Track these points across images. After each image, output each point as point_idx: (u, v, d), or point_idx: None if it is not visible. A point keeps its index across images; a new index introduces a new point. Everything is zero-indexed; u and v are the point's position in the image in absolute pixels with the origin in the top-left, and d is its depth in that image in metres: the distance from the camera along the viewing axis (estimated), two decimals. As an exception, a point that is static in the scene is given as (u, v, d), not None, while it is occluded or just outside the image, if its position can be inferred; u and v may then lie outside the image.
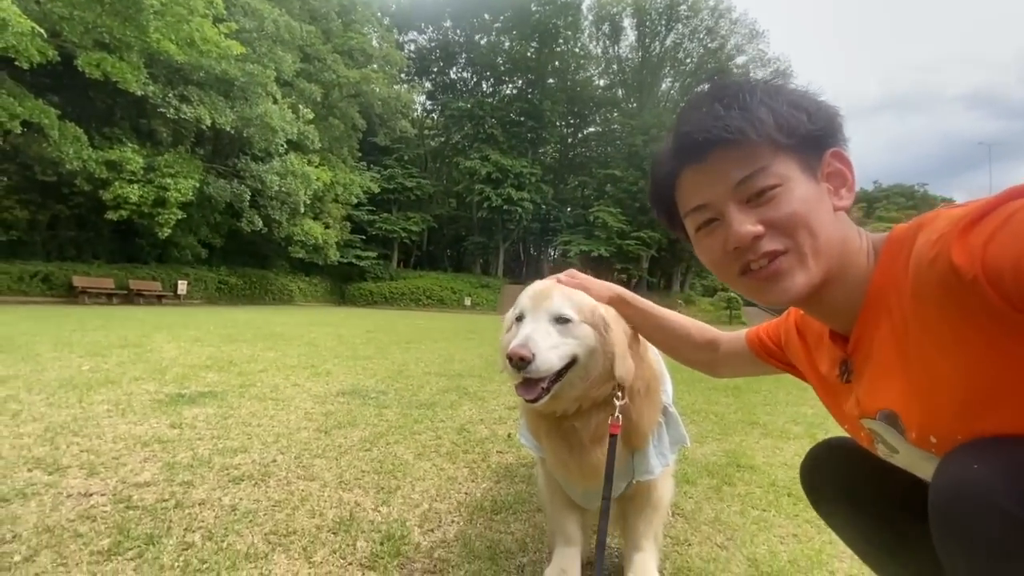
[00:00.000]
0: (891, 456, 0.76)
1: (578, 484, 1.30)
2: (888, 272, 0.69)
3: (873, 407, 0.73)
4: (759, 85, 0.73)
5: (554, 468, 1.32)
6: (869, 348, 0.73)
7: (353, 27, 31.05)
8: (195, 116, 18.00)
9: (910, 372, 0.67)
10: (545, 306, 1.16)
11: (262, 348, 6.02)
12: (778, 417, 3.71)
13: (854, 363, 0.76)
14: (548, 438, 1.25)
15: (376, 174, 33.08)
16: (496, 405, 3.61)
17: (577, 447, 1.21)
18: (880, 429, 0.74)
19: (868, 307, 0.72)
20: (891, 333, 0.69)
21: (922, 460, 0.70)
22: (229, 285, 24.36)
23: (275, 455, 2.30)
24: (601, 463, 1.17)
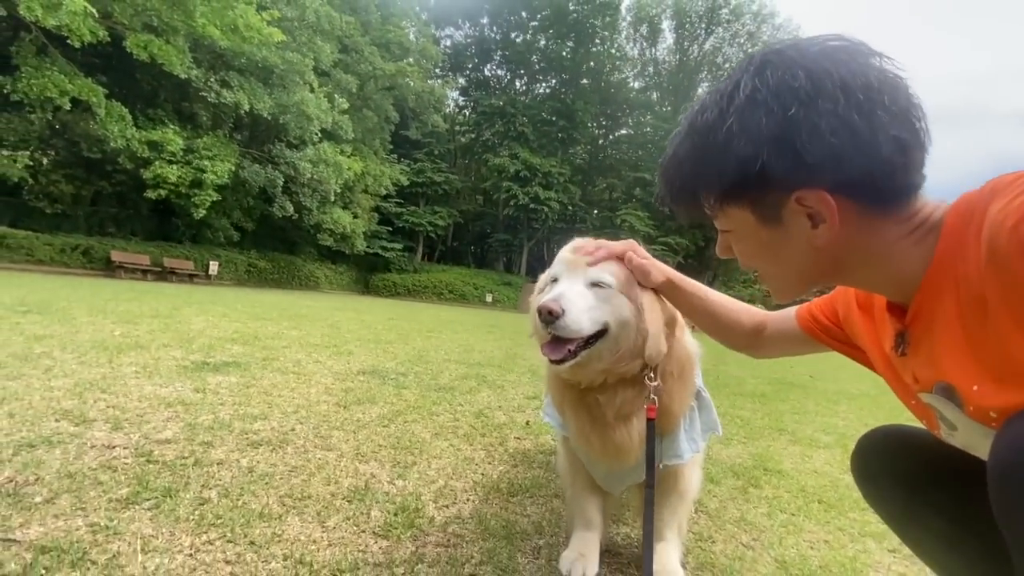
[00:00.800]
0: (951, 435, 0.70)
1: (600, 462, 1.24)
2: (955, 242, 0.63)
3: (930, 380, 0.68)
4: (695, 140, 0.72)
5: (577, 444, 1.26)
6: (931, 320, 0.66)
7: (391, 20, 31.39)
8: (235, 101, 18.44)
9: (975, 345, 0.61)
10: (582, 268, 1.11)
11: (287, 327, 6.10)
12: (807, 426, 3.57)
13: (912, 335, 0.70)
14: (572, 411, 1.19)
15: (406, 167, 33.37)
16: (515, 394, 3.56)
17: (600, 423, 1.16)
18: (937, 403, 0.68)
19: (930, 278, 0.66)
20: (955, 305, 0.63)
21: (982, 437, 0.64)
22: (258, 268, 24.90)
23: (294, 424, 2.30)
24: (624, 442, 1.12)
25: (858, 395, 5.69)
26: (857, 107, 0.60)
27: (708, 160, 0.70)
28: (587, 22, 40.54)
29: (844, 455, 2.90)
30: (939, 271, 0.64)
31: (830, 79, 0.60)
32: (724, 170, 0.68)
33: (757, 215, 0.70)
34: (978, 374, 0.61)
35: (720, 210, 0.74)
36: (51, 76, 13.90)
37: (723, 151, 0.67)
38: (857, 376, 7.68)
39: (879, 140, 0.60)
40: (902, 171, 0.63)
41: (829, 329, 0.95)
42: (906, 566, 1.58)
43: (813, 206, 0.66)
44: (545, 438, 2.56)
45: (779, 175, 0.64)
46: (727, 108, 0.66)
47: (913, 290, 0.68)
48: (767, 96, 0.63)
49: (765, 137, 0.63)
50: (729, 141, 0.66)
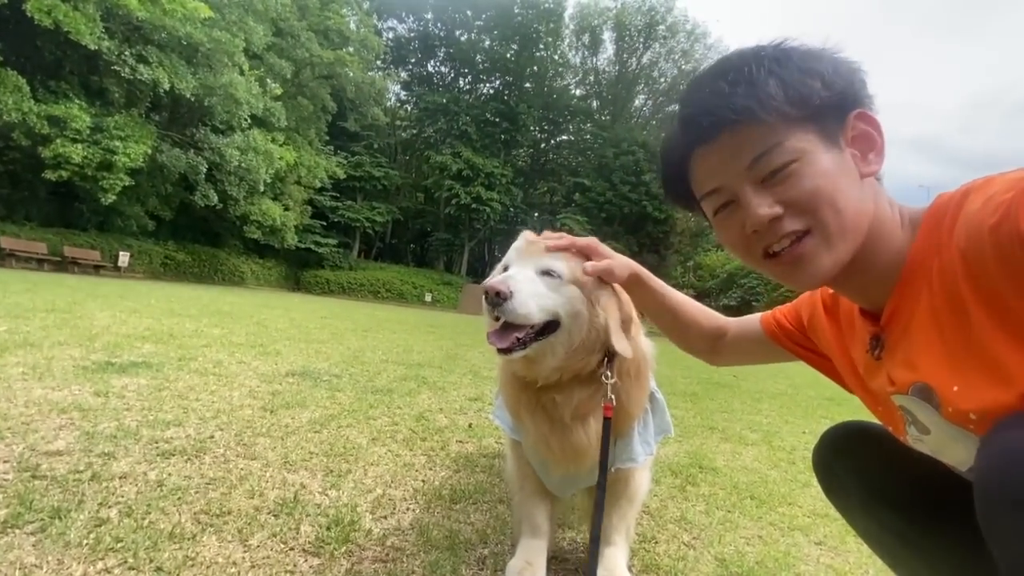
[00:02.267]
0: (920, 441, 0.70)
1: (557, 466, 1.20)
2: (930, 242, 0.64)
3: (906, 381, 0.67)
4: (767, 53, 0.68)
5: (534, 447, 1.21)
6: (907, 321, 0.67)
7: (331, 7, 30.12)
8: (153, 78, 16.95)
9: (951, 345, 0.61)
10: (534, 256, 1.07)
11: (207, 324, 5.65)
12: (735, 424, 3.74)
13: (887, 337, 0.71)
14: (529, 414, 1.14)
15: (343, 159, 32.12)
16: (457, 396, 3.47)
17: (558, 424, 1.11)
18: (912, 405, 0.68)
19: (906, 279, 0.66)
20: (930, 305, 0.63)
21: (954, 441, 0.64)
22: (176, 261, 23.05)
23: (213, 431, 2.09)
24: (583, 444, 1.08)
25: (778, 394, 6.08)
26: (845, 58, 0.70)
27: (766, 84, 0.66)
28: (531, 26, 40.90)
29: (770, 451, 3.06)
30: (914, 270, 0.65)
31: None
32: (790, 86, 0.66)
33: (822, 135, 0.66)
34: (957, 374, 0.61)
35: (784, 133, 0.66)
36: (-73, 35, 12.15)
37: (817, 57, 0.68)
38: (775, 376, 8.21)
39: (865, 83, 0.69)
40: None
41: (792, 334, 0.96)
42: (832, 557, 1.66)
43: (863, 131, 0.68)
44: (488, 441, 2.50)
45: (838, 88, 0.67)
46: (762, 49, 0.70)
47: (885, 291, 0.69)
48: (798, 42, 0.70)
49: (823, 59, 0.68)
50: (786, 64, 0.67)
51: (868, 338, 0.74)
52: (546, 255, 1.08)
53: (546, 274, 1.06)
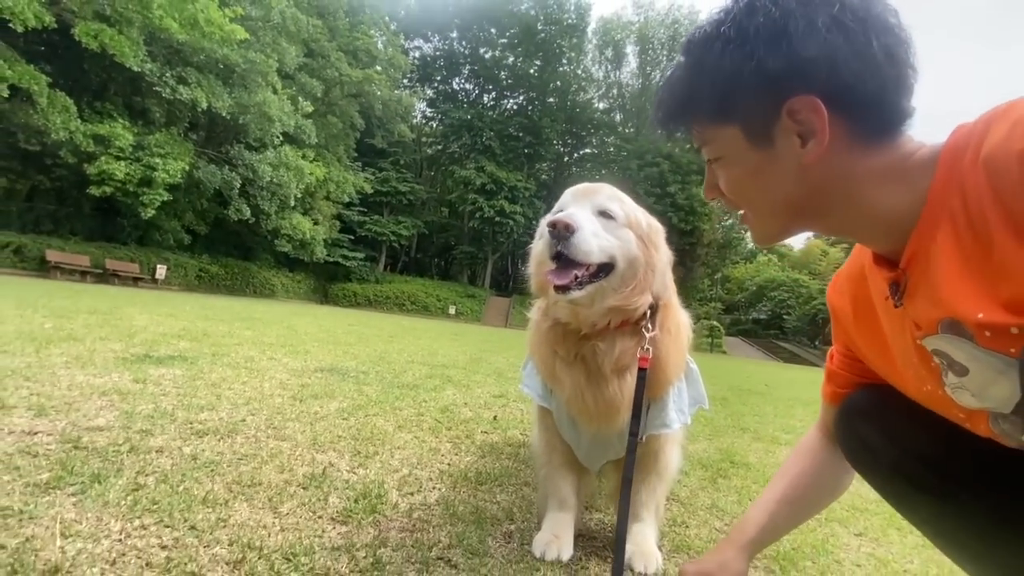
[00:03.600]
0: (961, 389, 0.65)
1: (591, 422, 1.18)
2: (950, 177, 0.61)
3: (933, 319, 0.63)
4: (689, 55, 0.71)
5: (568, 402, 1.19)
6: (926, 259, 0.63)
7: (360, 28, 31.12)
8: (191, 98, 17.73)
9: (975, 274, 0.58)
10: (592, 199, 1.10)
11: (239, 327, 5.80)
12: (767, 426, 3.63)
13: (909, 279, 0.67)
14: (566, 366, 1.13)
15: (370, 175, 32.86)
16: (481, 392, 3.47)
17: (595, 375, 1.11)
18: (945, 344, 0.64)
19: (926, 218, 0.63)
20: (953, 238, 0.60)
21: (998, 374, 0.60)
22: (210, 274, 23.80)
23: (244, 415, 2.14)
24: (617, 398, 1.07)
25: (812, 402, 5.88)
26: (852, 10, 0.61)
27: (702, 74, 0.68)
28: (554, 42, 41.41)
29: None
30: (935, 207, 0.62)
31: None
32: (717, 80, 0.66)
33: (747, 133, 0.68)
34: (982, 301, 0.58)
35: (710, 132, 0.71)
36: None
37: (717, 61, 0.66)
38: (809, 387, 7.96)
39: (873, 45, 0.60)
40: (893, 85, 0.62)
41: (852, 379, 0.93)
42: (873, 547, 1.59)
43: (804, 118, 0.64)
44: (513, 432, 2.49)
45: (773, 74, 0.62)
46: (724, 19, 0.66)
47: (903, 234, 0.66)
48: (765, 1, 0.63)
49: (761, 37, 0.62)
50: (724, 49, 0.65)
51: (887, 285, 0.71)
52: (603, 195, 1.09)
53: (603, 215, 1.08)
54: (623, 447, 1.23)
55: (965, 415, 0.68)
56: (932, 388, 0.70)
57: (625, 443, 1.14)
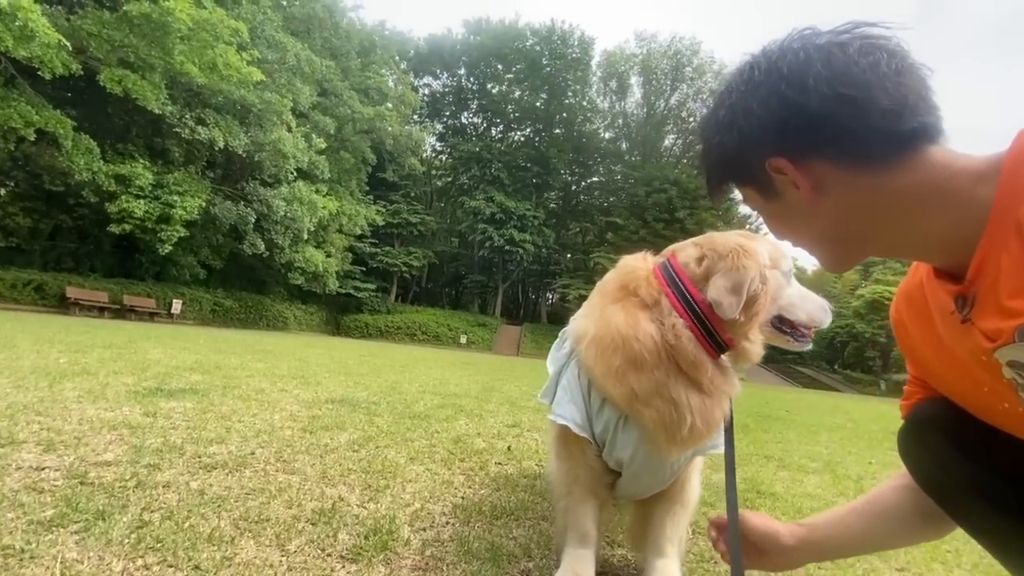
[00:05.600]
0: None
1: (681, 446, 1.12)
2: (1014, 186, 0.59)
3: (1009, 327, 0.59)
4: (701, 140, 0.82)
5: (666, 425, 1.08)
6: (996, 271, 0.60)
7: (371, 67, 32.24)
8: (209, 138, 18.33)
9: None
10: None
11: (251, 359, 5.80)
12: (792, 454, 3.49)
13: (976, 292, 0.63)
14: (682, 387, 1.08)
15: (382, 208, 33.44)
16: (495, 422, 3.39)
17: (709, 398, 1.08)
18: (1022, 353, 0.59)
19: (993, 229, 0.61)
20: (1022, 248, 0.57)
21: None
22: (224, 308, 24.10)
23: (254, 448, 2.09)
24: (719, 421, 1.10)
25: (837, 427, 5.68)
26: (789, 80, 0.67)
27: (709, 152, 0.79)
28: (560, 76, 42.47)
29: (834, 480, 2.82)
30: (1001, 216, 0.59)
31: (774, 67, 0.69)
32: (716, 156, 0.78)
33: (759, 190, 0.75)
34: None
35: (739, 190, 0.80)
36: (17, 107, 13.57)
37: (712, 141, 0.77)
38: (832, 412, 7.72)
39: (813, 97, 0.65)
40: (871, 114, 0.63)
41: (918, 391, 0.91)
42: (918, 585, 1.48)
43: (785, 172, 0.69)
44: (529, 463, 2.41)
45: (740, 148, 0.72)
46: (711, 108, 0.78)
47: (964, 247, 0.63)
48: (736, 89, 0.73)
49: (724, 123, 0.73)
50: (713, 132, 0.76)
51: (952, 299, 0.67)
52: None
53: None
54: (672, 475, 1.23)
55: None
56: (1010, 406, 0.65)
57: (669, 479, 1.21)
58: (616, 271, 1.26)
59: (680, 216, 34.34)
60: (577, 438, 1.20)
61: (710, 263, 1.12)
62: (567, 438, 1.23)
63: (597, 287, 1.28)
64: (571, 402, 1.21)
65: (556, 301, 47.11)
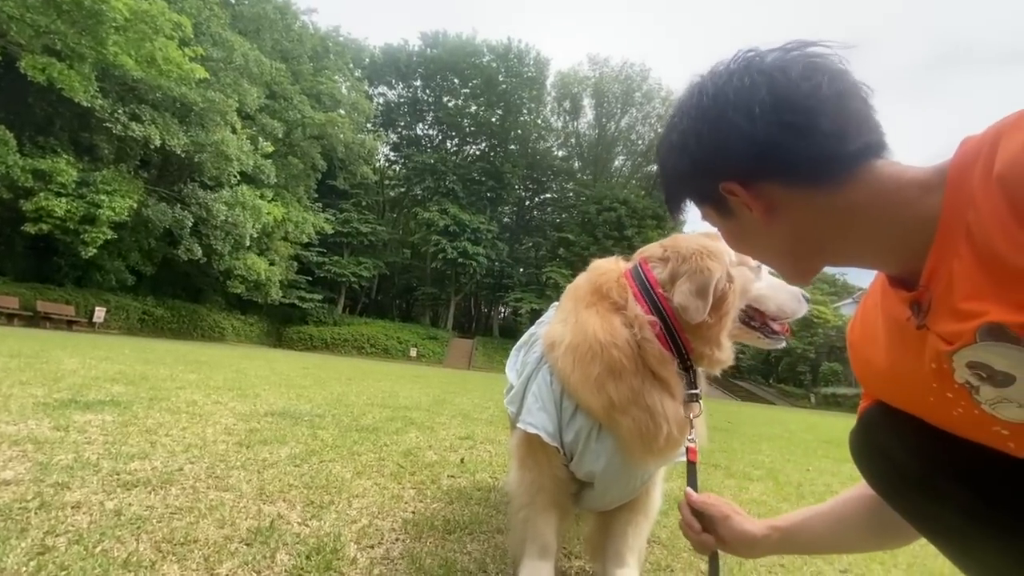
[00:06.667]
0: (1003, 402, 0.60)
1: (656, 455, 1.12)
2: (961, 194, 0.60)
3: (968, 329, 0.60)
4: (657, 161, 0.84)
5: (642, 434, 1.06)
6: (948, 276, 0.61)
7: (324, 73, 31.53)
8: (144, 135, 17.24)
9: (1009, 286, 0.56)
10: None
11: (183, 371, 5.40)
12: (737, 462, 3.59)
13: (932, 296, 0.64)
14: (656, 391, 1.07)
15: (331, 216, 32.48)
16: (446, 435, 3.29)
17: (677, 403, 1.08)
18: (986, 352, 0.59)
19: (943, 234, 0.62)
20: (974, 252, 0.58)
21: None
22: (154, 317, 22.49)
23: (182, 464, 1.92)
24: (687, 426, 1.09)
25: (775, 437, 5.93)
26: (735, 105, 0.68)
27: (665, 174, 0.81)
28: (516, 93, 43.11)
29: (776, 486, 2.91)
30: (950, 222, 0.61)
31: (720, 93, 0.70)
32: (672, 178, 0.79)
33: (715, 209, 0.76)
34: (1020, 306, 0.55)
35: (700, 208, 0.80)
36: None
37: (667, 164, 0.79)
38: (770, 423, 8.06)
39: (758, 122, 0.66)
40: (815, 137, 0.65)
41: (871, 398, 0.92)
42: (862, 587, 1.52)
43: (739, 194, 0.70)
44: (483, 476, 2.34)
45: (693, 172, 0.74)
46: (665, 131, 0.79)
47: (916, 254, 0.64)
48: (687, 114, 0.74)
49: (676, 148, 0.75)
50: (667, 155, 0.78)
51: (908, 306, 0.68)
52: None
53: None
54: (641, 486, 1.23)
55: (1010, 432, 0.62)
56: (964, 411, 0.66)
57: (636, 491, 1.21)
58: (588, 274, 1.24)
59: (628, 234, 35.37)
60: (545, 447, 1.16)
61: (675, 266, 1.12)
62: (534, 447, 1.18)
63: (569, 290, 1.25)
64: (542, 410, 1.16)
65: (508, 315, 47.19)
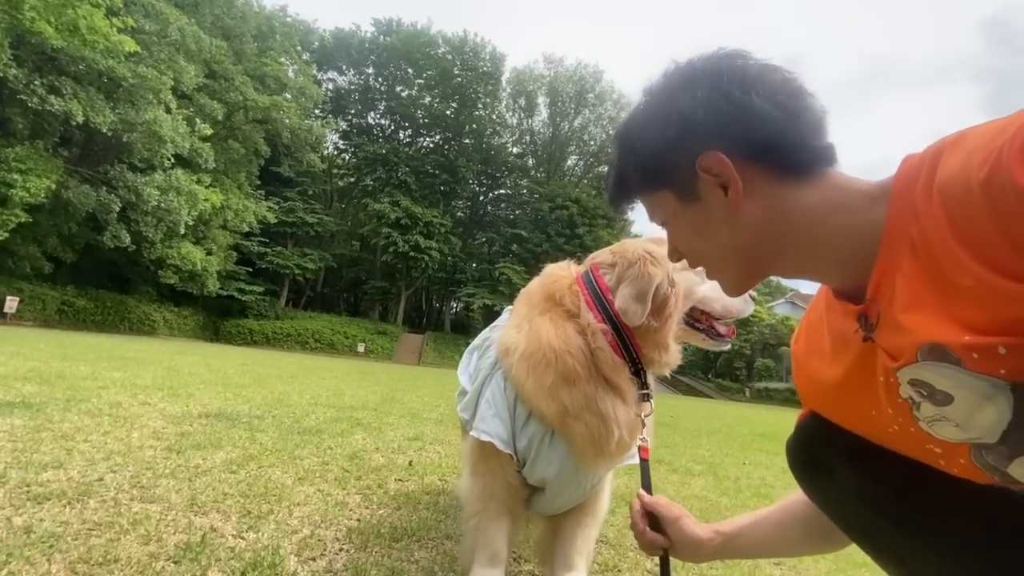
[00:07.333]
0: (941, 420, 0.62)
1: (608, 459, 1.14)
2: (904, 208, 0.62)
3: (911, 346, 0.61)
4: (619, 143, 0.81)
5: (594, 440, 1.08)
6: (892, 290, 0.63)
7: (269, 54, 30.02)
8: (65, 111, 15.79)
9: (953, 297, 0.58)
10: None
11: (106, 368, 5.01)
12: (680, 457, 3.73)
13: (880, 309, 0.66)
14: (607, 395, 1.08)
15: (274, 204, 31.06)
16: (394, 436, 3.22)
17: (629, 407, 1.10)
18: (927, 372, 0.61)
19: (887, 247, 0.64)
20: (917, 266, 0.60)
21: (985, 399, 0.57)
22: (75, 308, 20.78)
23: (103, 473, 1.77)
24: (639, 428, 1.11)
25: (714, 431, 6.20)
26: (729, 78, 0.69)
27: (629, 154, 0.78)
28: (471, 87, 42.71)
29: (716, 481, 3.04)
30: (894, 236, 0.62)
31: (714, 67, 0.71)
32: (640, 156, 0.76)
33: (677, 194, 0.75)
34: (965, 324, 0.56)
35: (650, 200, 0.79)
36: None
37: (637, 141, 0.76)
38: (709, 417, 8.43)
39: (754, 101, 0.67)
40: (791, 128, 0.67)
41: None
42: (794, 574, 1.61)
43: (717, 171, 0.69)
44: (431, 479, 2.30)
45: (676, 142, 0.72)
46: (637, 109, 0.78)
47: (861, 266, 0.66)
48: (670, 86, 0.74)
49: (663, 116, 0.73)
50: (640, 132, 0.76)
51: (854, 319, 0.70)
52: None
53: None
54: (591, 489, 1.24)
55: (942, 450, 0.65)
56: (900, 428, 0.68)
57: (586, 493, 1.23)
58: (541, 280, 1.24)
59: (580, 232, 35.99)
60: (498, 453, 1.15)
61: (620, 270, 1.15)
62: (487, 453, 1.17)
63: (523, 296, 1.25)
64: (496, 417, 1.15)
65: (461, 310, 46.93)
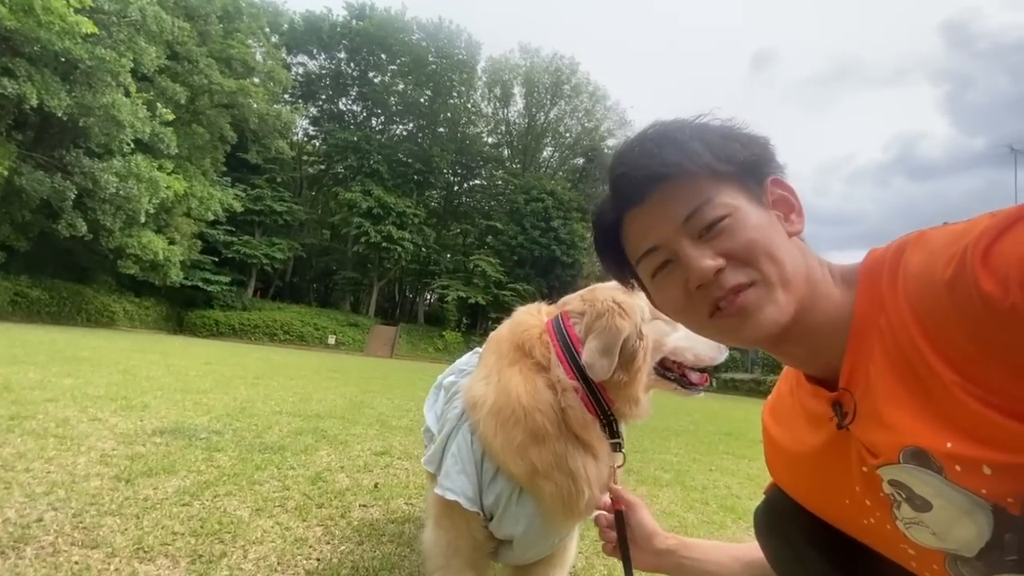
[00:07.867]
0: (917, 524, 0.61)
1: (578, 517, 1.12)
2: (871, 297, 0.62)
3: (893, 446, 0.59)
4: (688, 123, 0.71)
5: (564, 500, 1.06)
6: (867, 381, 0.62)
7: (235, 36, 28.87)
8: (18, 93, 14.91)
9: (926, 403, 0.56)
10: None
11: (56, 373, 4.77)
12: (648, 464, 3.77)
13: (857, 399, 0.64)
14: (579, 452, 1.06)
15: (241, 192, 30.12)
16: (361, 451, 3.16)
17: (598, 464, 1.08)
18: (908, 476, 0.59)
19: (857, 335, 0.63)
20: (888, 361, 0.59)
21: (964, 514, 0.56)
22: (28, 299, 19.78)
23: (42, 512, 1.66)
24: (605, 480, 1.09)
25: (682, 431, 6.32)
26: None
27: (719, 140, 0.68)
28: (446, 75, 42.07)
29: (684, 492, 3.08)
30: (864, 326, 0.62)
31: None
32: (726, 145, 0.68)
33: (750, 196, 0.68)
34: (945, 431, 0.55)
35: (715, 191, 0.67)
36: None
37: (720, 134, 0.69)
38: (676, 413, 8.59)
39: None
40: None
41: None
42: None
43: (784, 191, 0.70)
44: (398, 503, 2.25)
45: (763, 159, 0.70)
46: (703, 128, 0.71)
47: (828, 351, 0.66)
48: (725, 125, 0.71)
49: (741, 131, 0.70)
50: (722, 129, 0.70)
51: (827, 405, 0.68)
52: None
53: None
54: (560, 542, 1.23)
55: (916, 552, 0.64)
56: (876, 522, 0.67)
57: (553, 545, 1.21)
58: (510, 327, 1.20)
59: (555, 225, 36.03)
60: (463, 510, 1.11)
61: (589, 320, 1.12)
62: (452, 509, 1.13)
63: (492, 343, 1.21)
64: (462, 473, 1.11)
65: (434, 302, 46.58)
